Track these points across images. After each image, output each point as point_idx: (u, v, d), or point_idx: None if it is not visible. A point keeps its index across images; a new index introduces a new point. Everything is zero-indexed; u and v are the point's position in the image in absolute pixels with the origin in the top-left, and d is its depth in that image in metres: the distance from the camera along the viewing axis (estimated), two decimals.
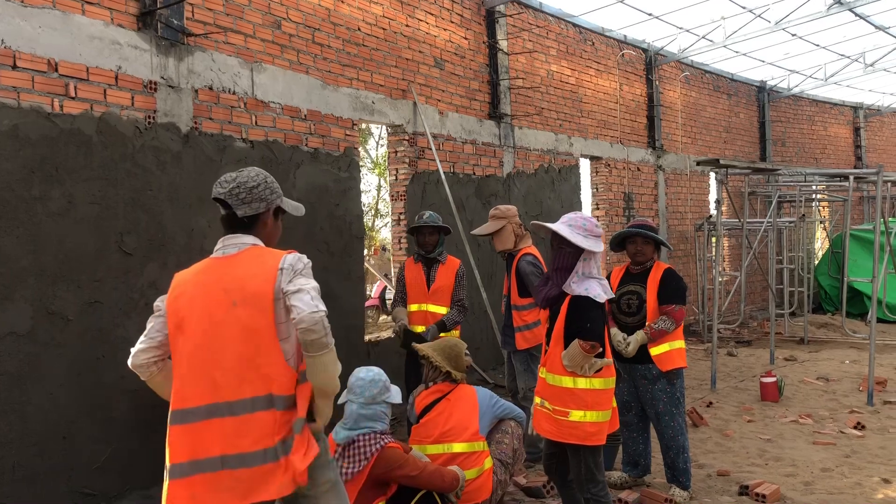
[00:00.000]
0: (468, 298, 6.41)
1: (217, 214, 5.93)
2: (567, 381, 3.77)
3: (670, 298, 4.94)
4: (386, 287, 16.63)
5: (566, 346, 3.76)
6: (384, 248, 20.37)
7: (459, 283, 6.02)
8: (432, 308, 5.99)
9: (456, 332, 6.05)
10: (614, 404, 3.98)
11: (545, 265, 6.07)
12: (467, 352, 4.68)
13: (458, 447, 4.32)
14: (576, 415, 3.73)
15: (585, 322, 3.71)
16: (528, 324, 5.85)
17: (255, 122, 6.41)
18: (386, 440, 3.85)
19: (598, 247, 3.81)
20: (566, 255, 3.80)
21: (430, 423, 4.44)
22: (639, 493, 4.95)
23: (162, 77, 5.67)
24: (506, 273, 6.17)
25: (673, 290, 4.97)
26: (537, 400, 3.93)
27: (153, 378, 2.84)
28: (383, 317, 16.68)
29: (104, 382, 5.17)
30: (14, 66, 4.79)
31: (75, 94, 5.12)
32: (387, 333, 10.52)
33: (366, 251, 15.33)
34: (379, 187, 21.09)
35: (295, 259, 2.73)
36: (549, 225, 3.90)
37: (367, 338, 7.75)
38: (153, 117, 5.60)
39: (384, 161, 20.75)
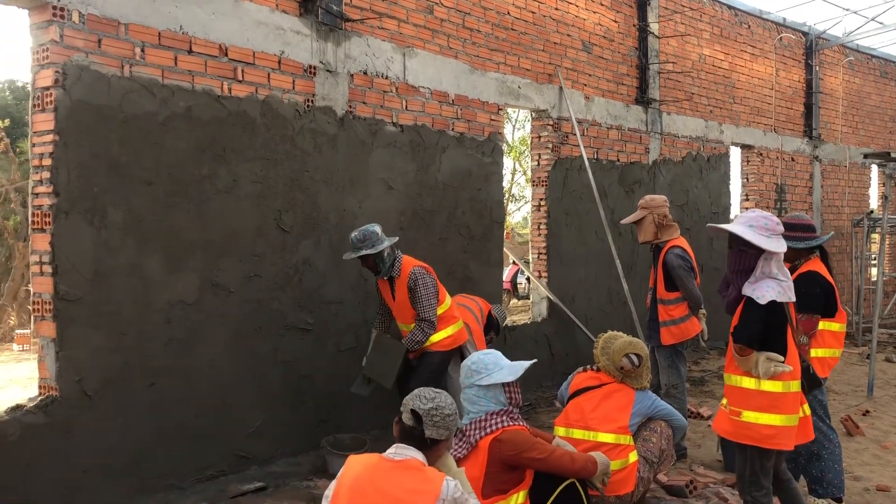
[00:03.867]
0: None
1: (367, 196, 6.14)
2: (740, 381, 3.72)
3: (798, 307, 4.62)
4: (518, 271, 16.64)
5: None
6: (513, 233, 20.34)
7: (413, 295, 5.27)
8: (402, 326, 5.54)
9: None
10: (806, 412, 3.84)
11: (694, 258, 5.88)
12: (633, 355, 4.50)
13: (603, 437, 4.28)
14: (748, 415, 3.68)
15: (739, 322, 3.69)
16: (674, 319, 5.68)
17: (406, 107, 6.52)
18: (502, 423, 3.67)
19: (781, 246, 3.66)
20: (748, 257, 3.70)
21: (577, 407, 4.45)
22: None
23: (321, 62, 5.86)
24: (652, 265, 6.01)
25: (799, 296, 4.62)
26: (723, 401, 3.91)
27: None
28: (514, 301, 16.72)
29: (259, 352, 5.46)
30: (189, 51, 5.09)
31: (242, 77, 5.38)
32: (521, 318, 10.55)
33: None
34: (513, 171, 20.99)
35: (456, 492, 2.80)
36: (729, 228, 3.77)
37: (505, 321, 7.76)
38: (312, 101, 5.81)
39: (519, 144, 20.63)
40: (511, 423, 3.69)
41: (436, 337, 5.41)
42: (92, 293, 4.58)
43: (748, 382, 3.69)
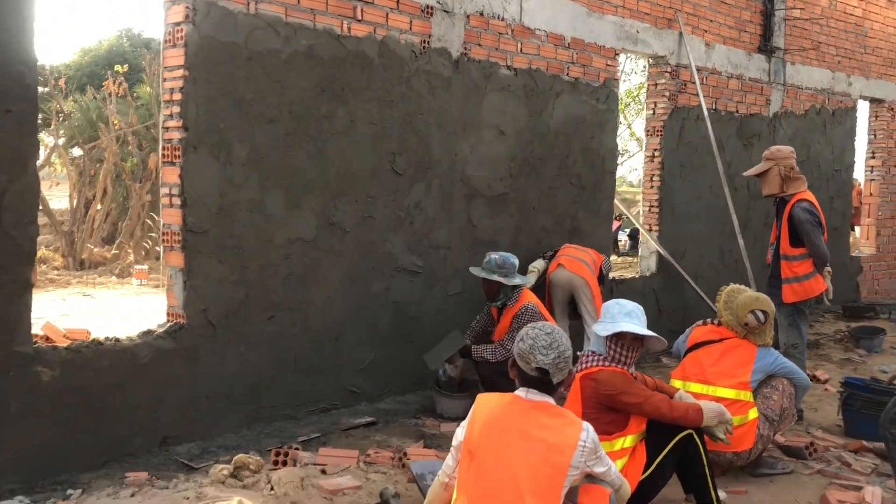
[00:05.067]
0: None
1: (479, 142, 6.07)
2: None
3: None
4: (620, 226, 16.33)
5: None
6: None
7: (513, 324, 5.17)
8: None
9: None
10: None
11: (822, 212, 5.60)
12: (759, 311, 4.35)
13: (722, 392, 4.18)
14: None
15: None
16: (797, 276, 5.44)
17: (520, 50, 6.38)
18: (599, 363, 3.66)
19: None
20: None
21: (695, 360, 4.36)
22: None
23: (438, 2, 5.78)
24: (775, 219, 5.75)
25: None
26: None
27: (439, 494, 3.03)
28: (613, 257, 16.43)
29: (371, 291, 5.54)
30: None
31: (361, 16, 5.36)
32: (628, 272, 10.36)
33: None
34: (620, 123, 20.45)
35: (595, 438, 2.84)
36: None
37: (610, 275, 7.62)
38: (427, 42, 5.75)
39: (625, 97, 20.08)
40: (607, 365, 3.65)
41: None
42: (217, 226, 4.73)
43: None
